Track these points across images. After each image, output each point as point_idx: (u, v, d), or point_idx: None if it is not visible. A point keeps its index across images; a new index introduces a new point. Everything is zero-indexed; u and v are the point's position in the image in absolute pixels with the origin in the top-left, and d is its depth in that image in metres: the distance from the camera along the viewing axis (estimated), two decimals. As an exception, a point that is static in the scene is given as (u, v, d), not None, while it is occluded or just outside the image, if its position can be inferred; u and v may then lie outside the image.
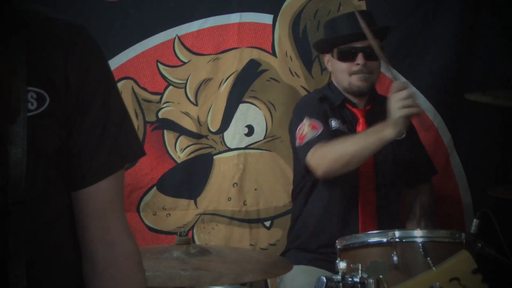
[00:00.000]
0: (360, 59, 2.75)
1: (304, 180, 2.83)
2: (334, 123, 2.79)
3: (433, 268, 1.29)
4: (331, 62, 2.88)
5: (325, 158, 2.61)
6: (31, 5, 1.19)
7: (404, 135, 2.58)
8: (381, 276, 1.37)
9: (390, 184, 2.83)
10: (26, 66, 1.13)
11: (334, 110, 2.83)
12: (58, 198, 1.20)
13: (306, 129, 2.72)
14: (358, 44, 2.75)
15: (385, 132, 2.50)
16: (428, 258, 2.03)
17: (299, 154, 2.74)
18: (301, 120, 2.76)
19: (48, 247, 1.19)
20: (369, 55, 2.75)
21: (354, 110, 2.84)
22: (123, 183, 1.27)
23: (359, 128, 2.80)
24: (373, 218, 2.74)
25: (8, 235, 1.11)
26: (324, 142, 2.63)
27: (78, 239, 1.24)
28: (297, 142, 2.72)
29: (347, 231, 2.57)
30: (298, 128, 2.74)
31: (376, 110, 2.82)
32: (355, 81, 2.78)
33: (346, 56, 2.78)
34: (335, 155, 2.59)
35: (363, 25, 2.60)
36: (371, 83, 2.81)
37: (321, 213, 2.79)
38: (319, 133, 2.69)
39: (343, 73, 2.80)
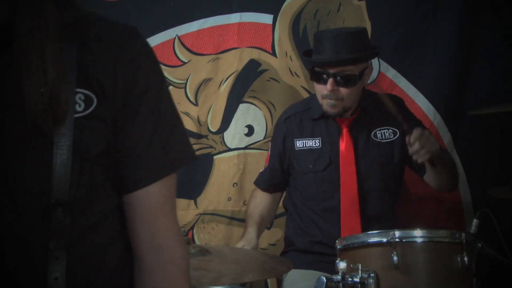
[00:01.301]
0: (329, 84, 2.70)
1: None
2: (299, 143, 2.84)
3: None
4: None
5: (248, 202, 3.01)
6: (85, 8, 1.19)
7: None
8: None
9: (374, 192, 2.81)
10: (77, 68, 1.12)
11: (308, 125, 2.85)
12: (104, 201, 1.18)
13: (266, 156, 2.99)
14: (332, 70, 2.70)
15: (240, 241, 2.78)
16: None
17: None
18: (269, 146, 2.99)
19: (91, 250, 1.17)
20: (342, 81, 2.71)
21: (338, 120, 2.82)
22: (174, 188, 1.24)
23: (342, 141, 2.80)
24: (357, 227, 2.74)
25: (49, 237, 1.10)
26: (259, 189, 2.98)
27: (130, 243, 1.23)
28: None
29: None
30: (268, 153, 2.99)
31: (363, 119, 2.83)
32: (325, 105, 2.76)
33: (318, 79, 2.75)
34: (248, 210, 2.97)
35: (389, 107, 2.65)
36: (342, 108, 2.74)
37: (304, 222, 2.85)
38: (263, 171, 2.98)
39: (317, 94, 2.79)
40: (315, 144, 2.82)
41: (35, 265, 1.11)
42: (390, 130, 2.84)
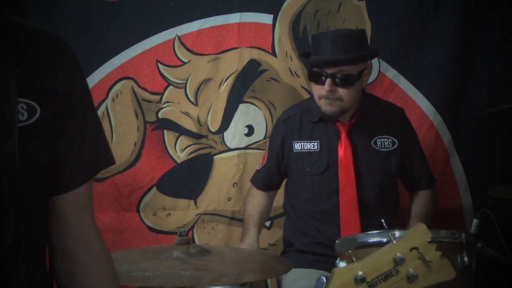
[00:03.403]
0: (327, 84, 2.70)
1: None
2: (297, 146, 2.84)
3: (394, 241, 1.42)
4: None
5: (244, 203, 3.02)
6: (18, 18, 1.22)
7: None
8: (350, 251, 1.55)
9: (376, 204, 2.81)
10: (17, 78, 1.15)
11: (307, 127, 2.85)
12: (43, 203, 1.25)
13: (264, 154, 2.99)
14: (329, 70, 2.70)
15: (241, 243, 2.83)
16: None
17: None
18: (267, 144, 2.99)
19: (36, 248, 1.25)
20: (340, 82, 2.71)
21: (337, 124, 2.81)
22: (92, 187, 1.34)
23: (341, 146, 2.79)
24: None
25: (7, 234, 1.14)
26: (255, 187, 2.99)
27: (54, 239, 1.30)
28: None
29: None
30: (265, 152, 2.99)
31: (362, 125, 2.82)
32: (322, 105, 2.75)
33: (316, 80, 2.74)
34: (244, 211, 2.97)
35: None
36: (341, 108, 2.74)
37: (304, 225, 2.84)
38: (259, 168, 2.98)
39: (315, 94, 2.79)
40: (313, 147, 2.82)
41: None
42: (389, 139, 2.83)
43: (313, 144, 2.83)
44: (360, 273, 1.41)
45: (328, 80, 2.70)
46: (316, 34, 2.98)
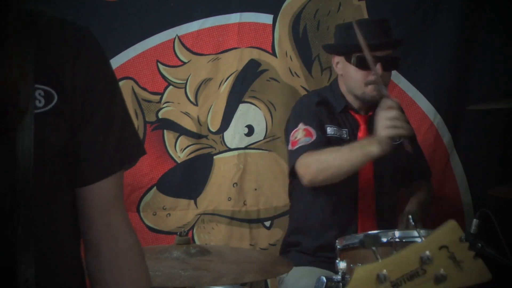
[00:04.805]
0: (379, 69, 2.65)
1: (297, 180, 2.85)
2: (330, 130, 2.76)
3: (422, 238, 1.34)
4: (343, 66, 2.80)
5: (311, 168, 2.64)
6: (41, 7, 1.22)
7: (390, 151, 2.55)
8: (374, 248, 1.43)
9: (389, 189, 2.82)
10: (35, 65, 1.15)
11: (333, 115, 2.80)
12: (63, 193, 1.24)
13: (300, 134, 2.73)
14: (378, 53, 2.66)
15: (370, 148, 2.52)
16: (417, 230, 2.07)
17: (289, 158, 2.77)
18: (296, 125, 2.76)
19: (54, 239, 1.23)
20: (389, 64, 2.71)
21: (356, 116, 2.81)
22: (123, 182, 1.31)
23: (360, 134, 2.78)
24: (372, 223, 2.74)
25: (18, 225, 1.14)
26: (313, 151, 2.64)
27: (83, 235, 1.29)
28: (290, 146, 2.74)
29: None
30: (293, 133, 2.75)
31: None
32: (370, 91, 2.72)
33: (363, 65, 2.68)
34: (320, 166, 2.62)
35: (360, 37, 2.56)
36: (383, 92, 2.72)
37: (320, 220, 2.79)
38: (311, 141, 2.70)
39: (357, 81, 2.74)
40: (344, 135, 2.78)
41: (3, 261, 1.14)
42: None
43: (343, 132, 2.78)
44: (384, 271, 1.30)
45: (379, 65, 2.65)
46: (343, 23, 2.96)
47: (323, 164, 2.62)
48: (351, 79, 2.77)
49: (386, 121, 2.48)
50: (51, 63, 1.17)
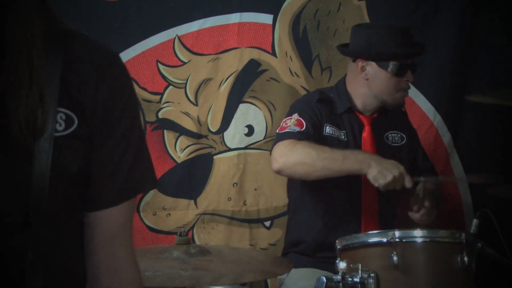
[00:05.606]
0: (409, 76, 2.74)
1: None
2: (328, 129, 2.76)
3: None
4: (374, 71, 2.77)
5: (288, 156, 2.61)
6: (72, 26, 1.20)
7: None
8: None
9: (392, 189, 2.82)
10: (59, 87, 1.13)
11: (334, 115, 2.80)
12: (76, 214, 1.20)
13: (291, 122, 2.71)
14: (409, 61, 2.76)
15: (366, 170, 2.55)
16: None
17: (275, 140, 2.75)
18: (291, 115, 2.75)
19: (63, 262, 1.18)
20: (415, 71, 2.79)
21: (360, 116, 2.81)
22: (133, 211, 1.27)
23: (365, 134, 2.79)
24: (375, 224, 2.74)
25: (28, 246, 1.11)
26: (298, 140, 2.61)
27: (86, 263, 1.23)
28: (278, 129, 2.74)
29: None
30: (285, 119, 2.75)
31: (383, 119, 2.84)
32: (400, 97, 2.78)
33: (399, 72, 2.73)
34: (299, 159, 2.60)
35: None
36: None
37: (322, 220, 2.78)
38: (298, 130, 2.67)
39: (389, 87, 2.76)
40: (342, 136, 2.78)
41: (12, 277, 1.11)
42: (398, 135, 2.86)
43: (341, 133, 2.78)
44: None
45: (409, 72, 2.75)
46: (364, 26, 2.96)
47: (306, 158, 2.59)
48: (382, 84, 2.77)
49: (384, 178, 2.54)
50: (75, 84, 1.15)
